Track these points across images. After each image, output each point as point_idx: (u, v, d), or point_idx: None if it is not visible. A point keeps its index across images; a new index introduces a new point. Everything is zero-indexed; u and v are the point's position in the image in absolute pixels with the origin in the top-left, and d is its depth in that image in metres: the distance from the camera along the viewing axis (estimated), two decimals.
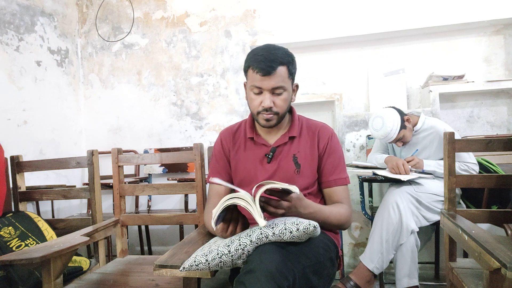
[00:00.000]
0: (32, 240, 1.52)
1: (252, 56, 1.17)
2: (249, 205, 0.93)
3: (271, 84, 1.15)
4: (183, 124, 2.82)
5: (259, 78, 1.15)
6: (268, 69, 1.13)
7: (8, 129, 2.29)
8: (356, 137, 2.53)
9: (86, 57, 2.98)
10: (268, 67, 1.13)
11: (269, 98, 1.17)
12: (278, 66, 1.14)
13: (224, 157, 1.33)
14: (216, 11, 2.76)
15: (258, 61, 1.14)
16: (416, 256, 1.78)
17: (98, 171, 1.66)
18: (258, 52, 1.17)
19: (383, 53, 2.62)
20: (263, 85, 1.15)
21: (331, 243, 1.16)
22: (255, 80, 1.16)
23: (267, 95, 1.16)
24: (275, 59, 1.14)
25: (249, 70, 1.18)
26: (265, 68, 1.13)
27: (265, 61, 1.13)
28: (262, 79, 1.14)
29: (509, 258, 0.84)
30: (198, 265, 0.92)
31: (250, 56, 1.19)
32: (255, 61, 1.15)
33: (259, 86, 1.16)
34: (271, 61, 1.13)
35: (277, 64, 1.14)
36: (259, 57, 1.14)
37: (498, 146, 1.39)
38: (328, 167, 1.26)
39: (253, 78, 1.17)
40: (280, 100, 1.18)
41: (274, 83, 1.15)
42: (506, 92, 2.41)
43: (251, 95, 1.20)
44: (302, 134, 1.29)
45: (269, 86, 1.15)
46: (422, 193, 1.82)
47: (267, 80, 1.14)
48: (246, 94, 1.25)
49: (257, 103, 1.19)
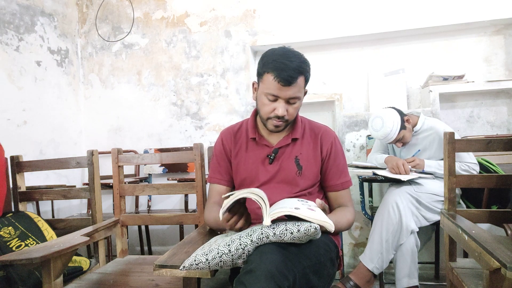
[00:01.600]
0: (32, 240, 1.52)
1: (272, 62, 1.12)
2: (261, 200, 0.93)
3: (288, 94, 1.13)
4: (183, 124, 2.82)
5: (277, 86, 1.11)
6: (290, 80, 1.10)
7: (8, 129, 2.29)
8: (356, 137, 2.53)
9: (86, 57, 2.98)
10: (290, 77, 1.09)
11: (284, 107, 1.15)
12: (299, 76, 1.12)
13: (225, 157, 1.33)
14: (216, 11, 2.76)
15: (279, 70, 1.10)
16: (416, 256, 1.78)
17: (98, 171, 1.66)
18: (277, 58, 1.12)
19: (383, 53, 2.62)
20: (281, 94, 1.13)
21: (332, 243, 1.16)
22: (273, 88, 1.12)
23: (282, 104, 1.14)
24: (296, 68, 1.10)
25: (267, 75, 1.13)
26: (286, 78, 1.09)
27: (287, 70, 1.09)
28: (281, 88, 1.11)
29: (509, 258, 0.84)
30: (198, 264, 0.92)
31: (268, 60, 1.14)
32: (276, 68, 1.10)
33: (276, 94, 1.13)
34: (293, 71, 1.10)
35: (297, 74, 1.11)
36: (280, 65, 1.10)
37: (498, 146, 1.39)
38: (334, 171, 1.27)
39: (270, 85, 1.13)
40: (292, 108, 1.17)
41: (292, 93, 1.13)
42: (506, 92, 2.41)
43: (264, 100, 1.17)
44: (305, 136, 1.29)
45: (287, 96, 1.13)
46: (422, 193, 1.82)
47: (285, 90, 1.12)
48: (256, 96, 1.22)
49: (269, 109, 1.17)
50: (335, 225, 1.03)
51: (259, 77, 1.19)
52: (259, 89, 1.20)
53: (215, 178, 1.33)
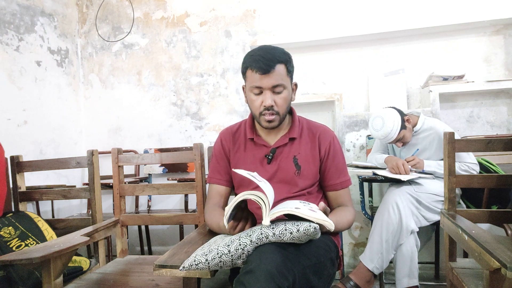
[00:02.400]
0: (32, 240, 1.52)
1: (250, 57, 1.18)
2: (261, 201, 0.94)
3: (270, 82, 1.15)
4: (183, 124, 2.82)
5: (258, 77, 1.15)
6: (267, 68, 1.13)
7: (8, 129, 2.29)
8: (356, 137, 2.53)
9: (86, 57, 2.98)
10: (267, 65, 1.13)
11: (270, 97, 1.17)
12: (276, 64, 1.15)
13: (224, 157, 1.33)
14: (216, 11, 2.76)
15: (256, 61, 1.14)
16: (416, 256, 1.78)
17: (98, 171, 1.66)
18: (255, 53, 1.17)
19: (383, 53, 2.62)
20: (263, 83, 1.15)
21: (331, 243, 1.16)
22: (255, 80, 1.16)
23: (268, 94, 1.17)
24: (272, 57, 1.14)
25: (248, 71, 1.18)
26: (263, 66, 1.13)
27: (263, 60, 1.13)
28: (261, 77, 1.15)
29: (509, 258, 0.84)
30: (197, 265, 0.92)
31: (247, 57, 1.19)
32: (253, 61, 1.15)
33: (259, 85, 1.16)
34: (269, 60, 1.14)
35: (275, 62, 1.14)
36: (257, 57, 1.15)
37: (498, 146, 1.39)
38: (333, 170, 1.27)
39: (252, 79, 1.17)
40: (280, 99, 1.18)
41: (274, 81, 1.15)
42: (506, 92, 2.41)
43: (251, 96, 1.20)
44: (303, 135, 1.29)
45: (269, 85, 1.16)
46: (422, 193, 1.82)
47: (266, 79, 1.15)
48: (246, 97, 1.25)
49: (258, 103, 1.19)
50: (335, 225, 1.02)
51: (244, 76, 1.23)
52: (246, 88, 1.24)
53: (215, 178, 1.33)
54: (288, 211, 0.94)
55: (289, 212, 0.94)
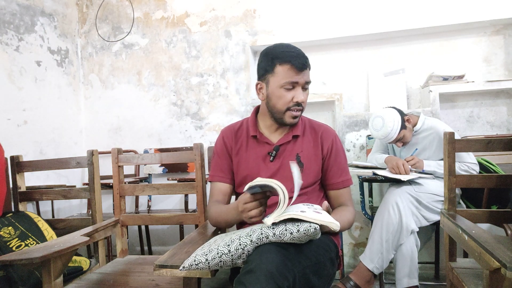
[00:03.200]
0: (32, 240, 1.52)
1: (281, 53, 1.17)
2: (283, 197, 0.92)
3: (304, 79, 1.18)
4: (183, 124, 2.82)
5: (295, 72, 1.16)
6: (304, 64, 1.17)
7: (8, 129, 2.29)
8: (356, 137, 2.53)
9: (86, 57, 2.98)
10: (305, 61, 1.17)
11: (302, 92, 1.19)
12: (308, 61, 1.19)
13: (226, 154, 1.33)
14: (216, 11, 2.76)
15: (293, 57, 1.15)
16: (416, 256, 1.78)
17: (98, 171, 1.66)
18: (285, 49, 1.18)
19: (383, 53, 2.62)
20: (299, 79, 1.17)
21: (331, 243, 1.16)
22: (290, 75, 1.16)
23: (300, 90, 1.19)
24: (304, 55, 1.18)
25: (279, 66, 1.17)
26: (302, 62, 1.16)
27: (299, 57, 1.16)
28: (297, 73, 1.16)
29: (509, 258, 0.84)
30: (198, 265, 0.92)
31: (276, 53, 1.18)
32: (290, 57, 1.16)
33: (295, 81, 1.17)
34: (304, 57, 1.17)
35: (307, 59, 1.19)
36: (293, 53, 1.16)
37: (498, 146, 1.39)
38: (335, 169, 1.27)
39: (286, 74, 1.17)
40: (306, 95, 1.22)
41: (307, 77, 1.20)
42: (506, 92, 2.41)
43: (280, 92, 1.18)
44: (305, 133, 1.29)
45: (303, 81, 1.18)
46: (422, 193, 1.82)
47: (301, 75, 1.17)
48: (267, 93, 1.22)
49: (288, 99, 1.19)
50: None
51: (268, 73, 1.20)
52: (270, 84, 1.20)
53: (217, 176, 1.32)
54: (293, 215, 0.93)
55: (294, 216, 0.93)
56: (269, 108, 1.24)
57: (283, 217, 0.93)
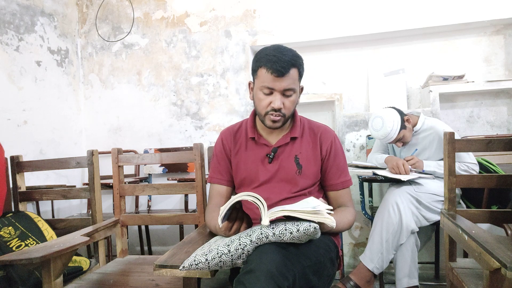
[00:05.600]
0: (32, 240, 1.52)
1: (264, 56, 1.15)
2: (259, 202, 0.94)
3: (283, 86, 1.15)
4: (183, 124, 2.82)
5: (271, 78, 1.14)
6: (282, 70, 1.12)
7: (8, 129, 2.29)
8: (356, 137, 2.53)
9: (86, 57, 2.98)
10: (282, 68, 1.12)
11: (280, 99, 1.16)
12: (291, 67, 1.14)
13: (225, 157, 1.33)
14: (216, 11, 2.76)
15: (271, 62, 1.13)
16: (416, 256, 1.78)
17: (98, 171, 1.66)
18: (270, 52, 1.15)
19: (383, 53, 2.62)
20: (275, 86, 1.15)
21: (331, 243, 1.16)
22: (267, 80, 1.15)
23: (278, 96, 1.16)
24: (289, 60, 1.13)
25: (260, 70, 1.16)
26: (279, 69, 1.12)
27: (279, 62, 1.12)
28: (274, 79, 1.14)
29: (509, 258, 0.84)
30: (197, 265, 0.92)
31: (261, 55, 1.17)
32: (269, 61, 1.13)
33: (271, 87, 1.15)
34: (285, 62, 1.13)
35: (290, 65, 1.14)
36: (273, 58, 1.13)
37: (498, 146, 1.39)
38: (334, 170, 1.27)
39: (264, 79, 1.15)
40: (289, 102, 1.18)
41: (286, 84, 1.15)
42: (506, 92, 2.41)
43: (260, 95, 1.19)
44: (304, 135, 1.29)
45: (281, 88, 1.15)
46: (422, 193, 1.81)
47: (279, 81, 1.14)
48: (253, 94, 1.24)
49: (266, 103, 1.18)
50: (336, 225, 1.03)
51: (254, 74, 1.21)
52: (254, 85, 1.22)
53: (216, 178, 1.33)
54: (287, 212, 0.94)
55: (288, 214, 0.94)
56: (255, 108, 1.25)
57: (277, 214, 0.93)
